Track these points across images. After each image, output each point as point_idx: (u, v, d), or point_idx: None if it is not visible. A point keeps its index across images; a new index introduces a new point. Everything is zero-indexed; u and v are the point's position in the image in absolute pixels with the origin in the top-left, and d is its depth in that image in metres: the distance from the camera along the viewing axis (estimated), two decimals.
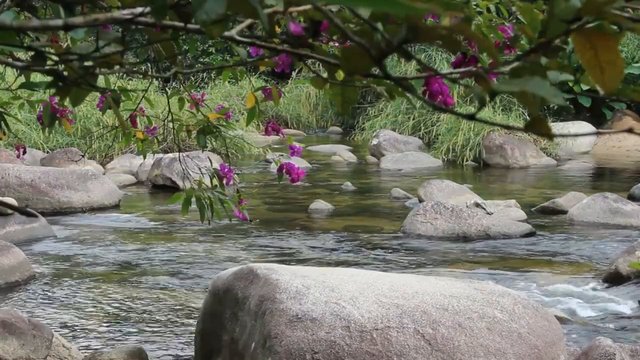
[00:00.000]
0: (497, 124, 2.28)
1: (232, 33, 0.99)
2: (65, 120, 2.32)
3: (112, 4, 1.30)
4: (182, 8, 0.92)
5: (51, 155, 10.06)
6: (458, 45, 0.79)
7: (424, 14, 0.67)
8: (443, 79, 0.91)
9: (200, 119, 2.57)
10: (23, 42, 1.36)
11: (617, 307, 4.93)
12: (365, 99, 15.27)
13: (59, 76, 1.09)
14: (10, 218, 6.60)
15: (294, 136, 14.19)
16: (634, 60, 13.90)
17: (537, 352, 2.97)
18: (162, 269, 5.83)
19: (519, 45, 1.51)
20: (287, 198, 8.97)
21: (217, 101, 12.82)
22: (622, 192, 8.51)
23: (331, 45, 1.39)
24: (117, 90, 1.90)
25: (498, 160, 11.69)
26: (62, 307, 4.90)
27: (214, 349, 3.50)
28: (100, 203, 8.12)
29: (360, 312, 2.94)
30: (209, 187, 2.40)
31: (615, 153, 12.94)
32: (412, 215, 7.08)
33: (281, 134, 2.75)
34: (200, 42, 16.78)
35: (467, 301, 3.08)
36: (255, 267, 3.40)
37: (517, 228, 6.97)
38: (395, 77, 0.83)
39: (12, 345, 3.56)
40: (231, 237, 6.86)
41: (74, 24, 0.88)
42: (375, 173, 11.30)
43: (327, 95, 2.08)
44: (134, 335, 4.43)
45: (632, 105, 13.09)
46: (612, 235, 6.90)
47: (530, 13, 0.88)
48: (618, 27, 0.74)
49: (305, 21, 0.94)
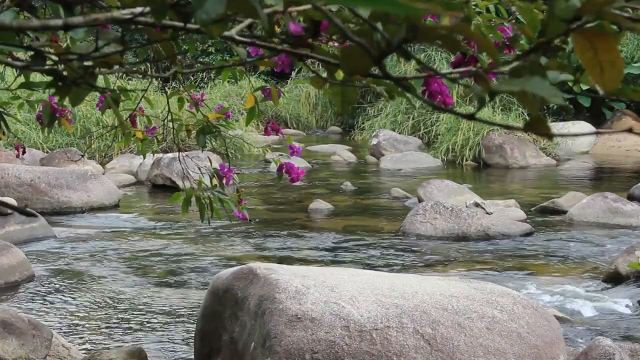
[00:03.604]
0: (496, 123, 2.28)
1: (232, 33, 0.99)
2: (65, 120, 2.32)
3: (112, 4, 1.30)
4: (182, 8, 0.92)
5: (51, 155, 10.06)
6: (457, 45, 0.79)
7: (423, 14, 0.67)
8: (442, 78, 0.91)
9: (200, 118, 2.57)
10: (23, 42, 1.36)
11: (617, 307, 4.93)
12: (365, 99, 15.27)
13: (58, 76, 1.09)
14: (10, 218, 6.59)
15: (293, 136, 14.20)
16: (634, 60, 13.91)
17: (537, 352, 2.97)
18: (162, 269, 5.83)
19: (518, 45, 1.51)
20: (286, 198, 8.97)
21: (216, 101, 12.83)
22: (621, 192, 8.51)
23: (331, 45, 1.39)
24: (117, 90, 1.89)
25: (498, 160, 11.69)
26: (62, 307, 4.90)
27: (213, 349, 3.50)
28: (100, 203, 8.12)
29: (360, 312, 2.94)
30: (209, 187, 2.40)
31: (614, 153, 12.94)
32: (412, 215, 7.08)
33: (281, 133, 2.75)
34: (200, 42, 16.77)
35: (467, 301, 3.08)
36: (255, 267, 3.40)
37: (516, 228, 6.97)
38: (394, 77, 0.83)
39: (11, 345, 3.56)
40: (231, 237, 6.86)
41: (74, 24, 0.88)
42: (374, 173, 11.30)
43: (326, 95, 2.08)
44: (133, 335, 4.43)
45: (631, 105, 13.09)
46: (612, 235, 6.90)
47: (529, 13, 0.88)
48: (618, 27, 0.74)
49: (305, 21, 0.94)
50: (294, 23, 0.91)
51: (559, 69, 0.80)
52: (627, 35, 12.53)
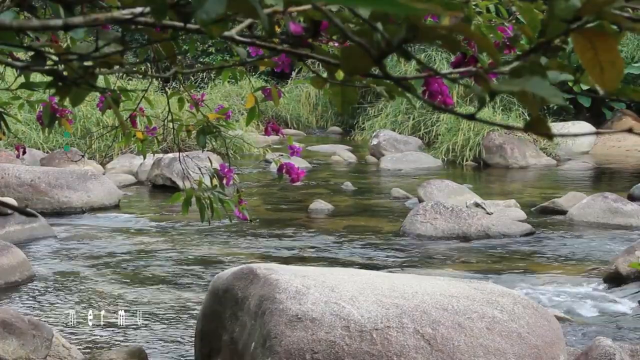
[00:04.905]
0: (497, 124, 2.28)
1: (232, 33, 0.99)
2: (65, 120, 2.32)
3: (112, 4, 1.30)
4: (182, 8, 0.92)
5: (51, 155, 10.06)
6: (458, 45, 0.79)
7: (423, 14, 0.67)
8: (442, 79, 0.91)
9: (200, 119, 2.57)
10: (23, 42, 1.36)
11: (617, 307, 4.93)
12: (365, 99, 15.26)
13: (58, 76, 1.09)
14: (10, 218, 6.59)
15: (293, 136, 14.20)
16: (634, 60, 13.90)
17: (537, 352, 2.97)
18: (162, 269, 5.83)
19: (518, 45, 1.51)
20: (287, 198, 8.97)
21: (217, 101, 12.82)
22: (621, 192, 8.51)
23: (331, 45, 1.39)
24: (117, 90, 1.89)
25: (498, 160, 11.69)
26: (62, 307, 4.90)
27: (213, 349, 3.50)
28: (100, 203, 8.12)
29: (360, 312, 2.94)
30: (209, 187, 2.39)
31: (614, 153, 12.94)
32: (412, 215, 7.08)
33: (281, 134, 2.75)
34: (200, 42, 16.77)
35: (467, 301, 3.08)
36: (255, 267, 3.40)
37: (516, 228, 6.97)
38: (395, 77, 0.83)
39: (12, 345, 3.56)
40: (231, 237, 6.86)
41: (74, 24, 0.88)
42: (375, 173, 11.30)
43: (326, 95, 2.08)
44: (134, 335, 4.43)
45: (631, 105, 13.09)
46: (612, 235, 6.90)
47: (530, 13, 0.88)
48: (618, 27, 0.74)
49: (305, 21, 0.94)
50: (294, 23, 0.91)
51: (559, 69, 0.80)
52: (627, 35, 12.52)
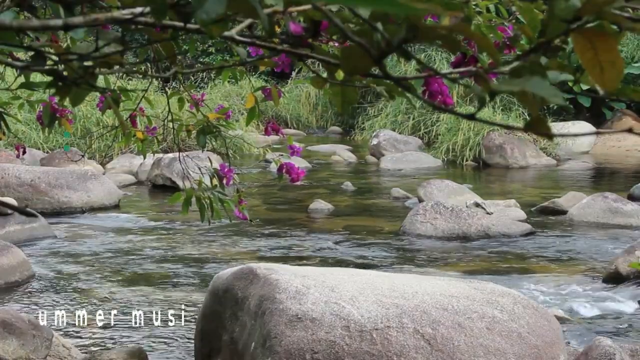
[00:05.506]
0: (497, 124, 2.28)
1: (232, 33, 0.99)
2: (65, 120, 2.32)
3: (112, 4, 1.30)
4: (182, 8, 0.92)
5: (51, 155, 10.06)
6: (458, 45, 0.79)
7: (423, 14, 0.67)
8: (442, 78, 0.91)
9: (200, 119, 2.57)
10: (23, 42, 1.36)
11: (617, 307, 4.93)
12: (365, 99, 15.27)
13: (58, 76, 1.09)
14: (10, 218, 6.59)
15: (293, 136, 14.19)
16: (634, 60, 13.90)
17: (537, 352, 2.97)
18: (162, 269, 5.83)
19: (518, 45, 1.51)
20: (287, 198, 8.97)
21: (217, 101, 12.82)
22: (621, 192, 8.51)
23: (331, 45, 1.39)
24: (117, 90, 1.89)
25: (498, 160, 11.69)
26: (62, 307, 4.90)
27: (213, 349, 3.50)
28: (100, 203, 8.12)
29: (360, 312, 2.94)
30: (209, 187, 2.39)
31: (614, 153, 12.94)
32: (412, 215, 7.08)
33: (281, 133, 2.75)
34: (200, 42, 16.77)
35: (467, 301, 3.07)
36: (255, 267, 3.40)
37: (517, 228, 6.97)
38: (395, 77, 0.83)
39: (12, 345, 3.56)
40: (231, 237, 6.86)
41: (74, 24, 0.88)
42: (375, 173, 11.30)
43: (326, 95, 2.08)
44: (134, 335, 4.43)
45: (631, 105, 13.09)
46: (612, 235, 6.90)
47: (530, 13, 0.88)
48: (618, 27, 0.74)
49: (305, 21, 0.94)
50: (294, 23, 0.91)
51: (559, 69, 0.80)
52: (627, 35, 12.53)
